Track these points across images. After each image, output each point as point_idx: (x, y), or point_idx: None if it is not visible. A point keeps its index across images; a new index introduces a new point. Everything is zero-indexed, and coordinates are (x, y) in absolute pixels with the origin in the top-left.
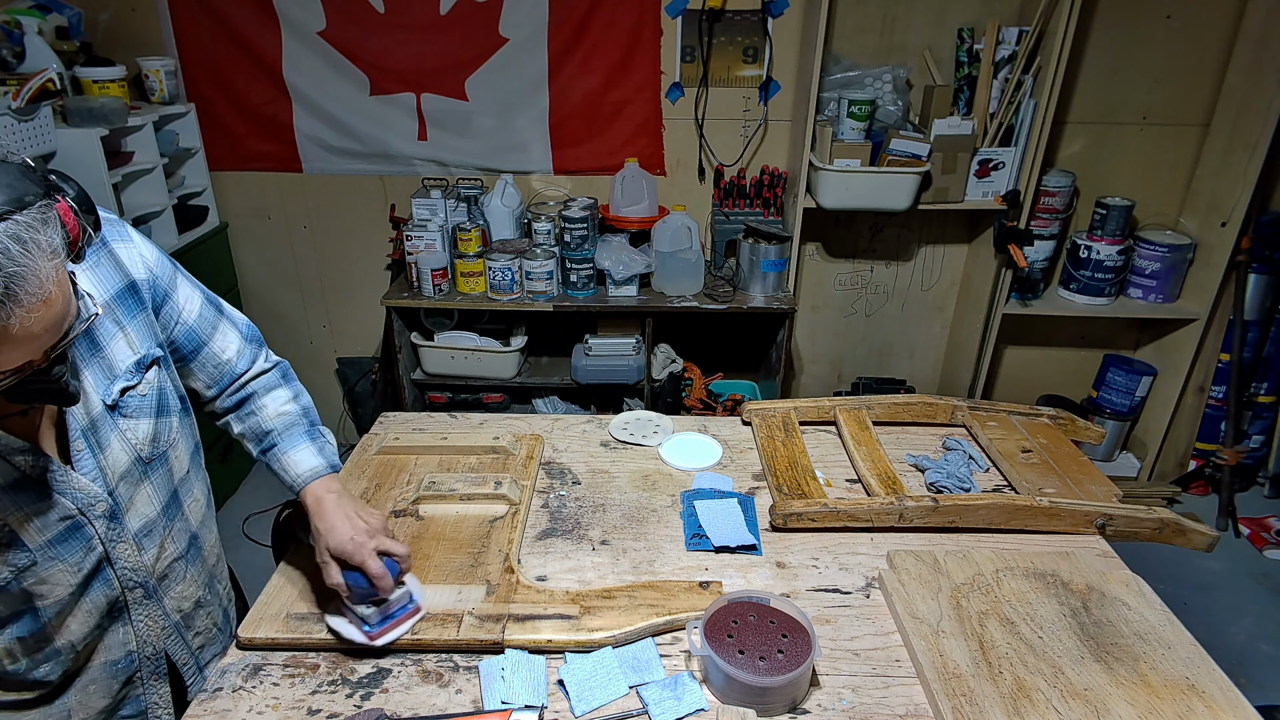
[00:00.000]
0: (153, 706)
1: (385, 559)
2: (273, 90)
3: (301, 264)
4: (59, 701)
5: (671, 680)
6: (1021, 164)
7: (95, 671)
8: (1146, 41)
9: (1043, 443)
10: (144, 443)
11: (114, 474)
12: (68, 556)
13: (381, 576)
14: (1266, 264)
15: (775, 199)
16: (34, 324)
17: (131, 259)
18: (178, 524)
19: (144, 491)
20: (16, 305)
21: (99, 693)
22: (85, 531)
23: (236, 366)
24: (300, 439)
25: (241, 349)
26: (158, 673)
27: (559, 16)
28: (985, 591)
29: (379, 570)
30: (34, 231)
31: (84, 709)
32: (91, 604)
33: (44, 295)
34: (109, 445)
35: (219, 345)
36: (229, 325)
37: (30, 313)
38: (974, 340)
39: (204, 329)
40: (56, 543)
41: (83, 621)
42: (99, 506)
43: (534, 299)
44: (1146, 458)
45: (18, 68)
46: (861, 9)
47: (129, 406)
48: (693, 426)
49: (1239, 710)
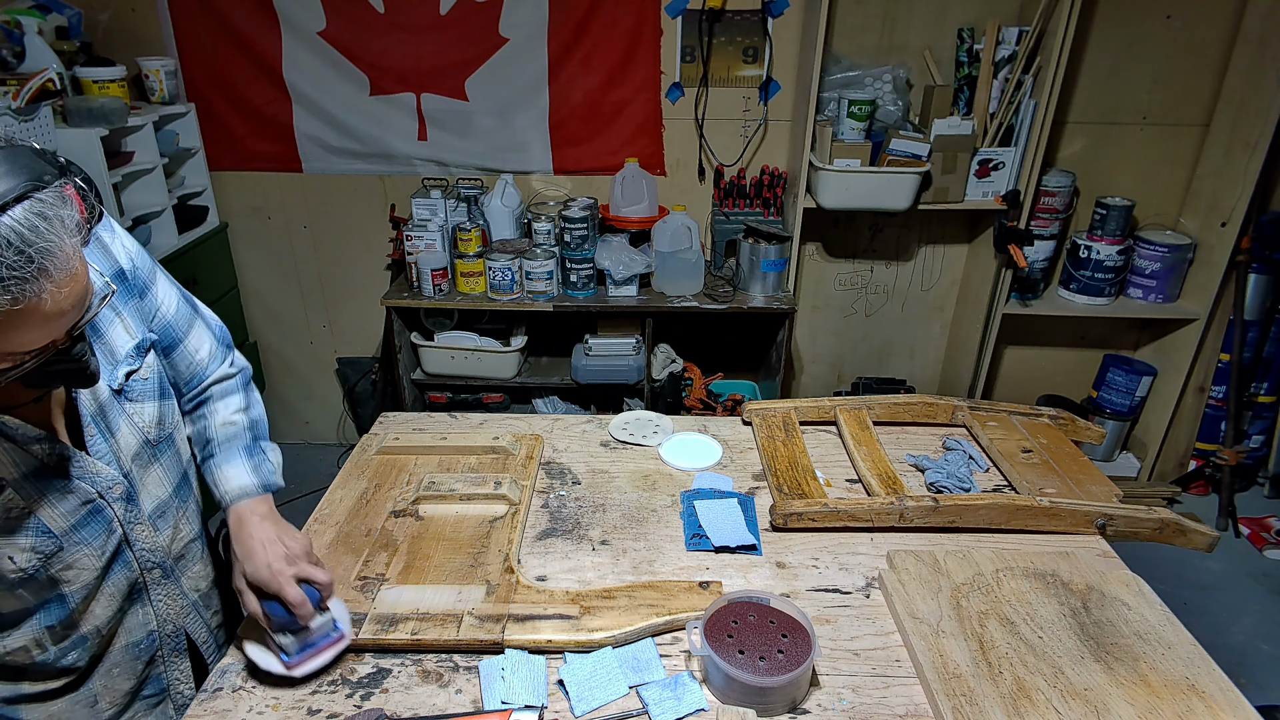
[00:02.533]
0: (174, 683)
1: (305, 586)
2: (273, 90)
3: (301, 264)
4: (85, 687)
5: (671, 680)
6: (1021, 164)
7: (118, 654)
8: (1146, 41)
9: (1043, 443)
10: (151, 425)
11: (126, 457)
12: (92, 540)
13: (300, 604)
14: (1266, 264)
15: (775, 199)
16: (64, 299)
17: (117, 248)
18: (191, 505)
19: (154, 474)
20: (49, 280)
21: (123, 675)
22: (105, 514)
23: (208, 369)
24: (236, 455)
25: (214, 350)
26: (178, 650)
27: (559, 16)
28: (985, 591)
29: (297, 598)
30: (56, 208)
31: (110, 692)
32: (114, 586)
33: (71, 270)
34: (119, 429)
35: (194, 344)
36: (203, 325)
37: (61, 288)
38: (974, 340)
39: (180, 325)
40: (80, 527)
41: (106, 605)
42: (116, 489)
43: (534, 299)
44: (1146, 458)
45: (18, 68)
46: (861, 9)
47: (134, 390)
48: (693, 426)
49: (1239, 710)
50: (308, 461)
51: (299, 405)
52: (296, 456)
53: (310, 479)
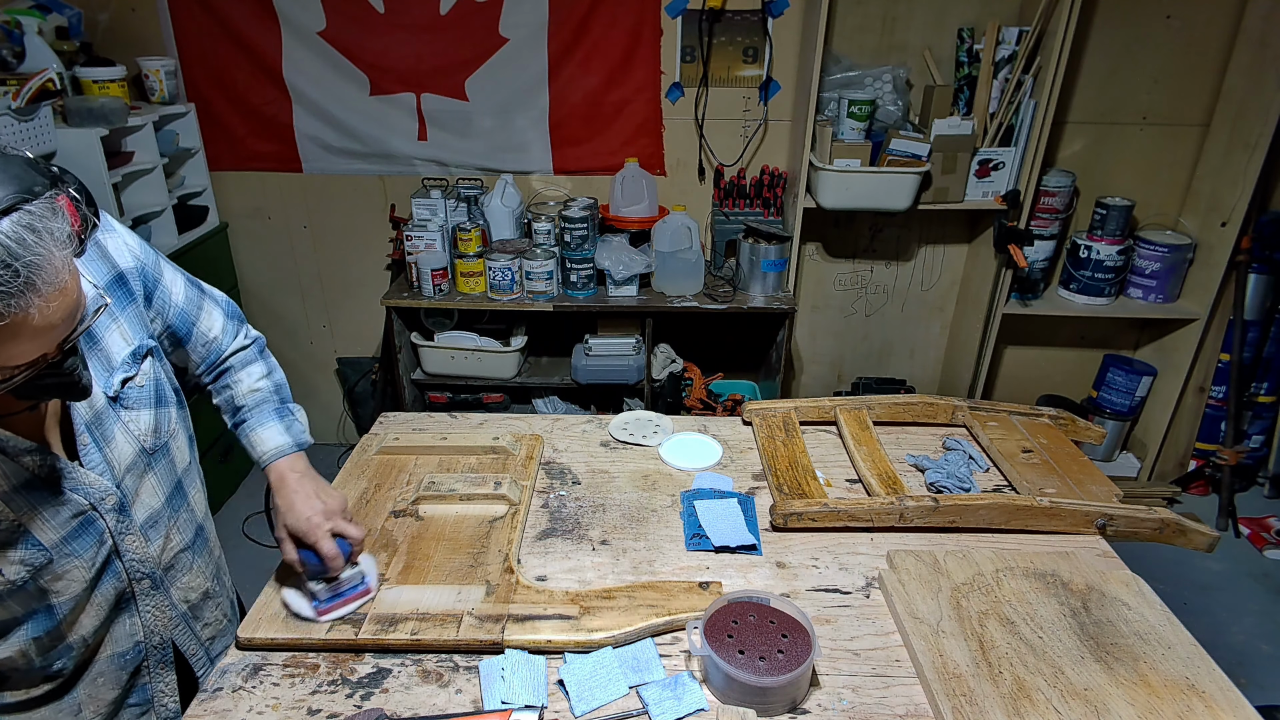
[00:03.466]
0: (159, 694)
1: (339, 540)
2: (273, 90)
3: (301, 264)
4: (68, 696)
5: (671, 680)
6: (1021, 164)
7: (103, 664)
8: (1146, 41)
9: (1043, 443)
10: (146, 433)
11: (120, 466)
12: (82, 552)
13: (333, 557)
14: (1266, 264)
15: (775, 199)
16: (52, 313)
17: (118, 249)
18: (183, 515)
19: (148, 483)
20: (36, 295)
21: (108, 684)
22: (97, 525)
23: (223, 344)
24: (269, 416)
25: (225, 326)
26: (164, 662)
27: (559, 16)
28: (985, 591)
29: (331, 551)
30: (46, 220)
31: (94, 702)
32: (102, 597)
33: (60, 284)
34: (113, 438)
35: (205, 324)
36: (212, 304)
37: (49, 302)
38: (974, 340)
39: (192, 310)
40: (71, 539)
41: (94, 615)
42: (109, 500)
43: (534, 299)
44: (1146, 458)
45: (18, 68)
46: (861, 9)
47: (129, 398)
48: (693, 426)
49: (1239, 710)
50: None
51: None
52: None
53: None
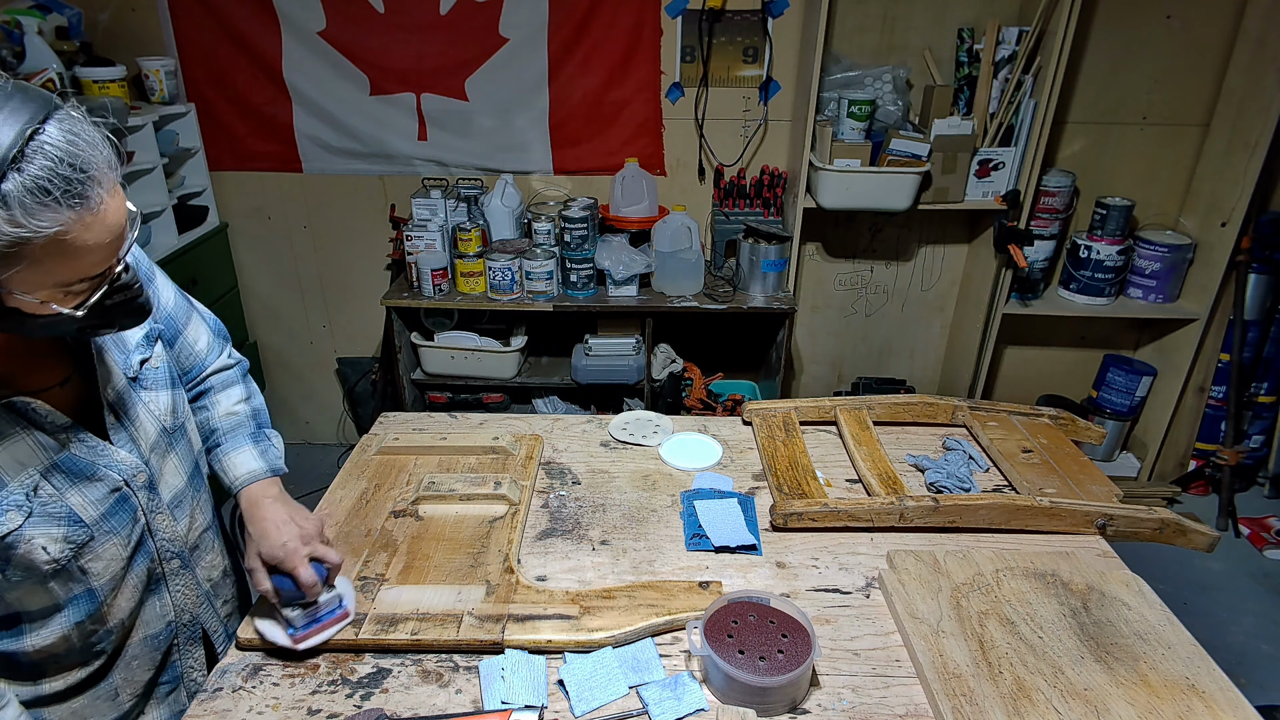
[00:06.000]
0: (188, 670)
1: (314, 564)
2: (273, 90)
3: (301, 264)
4: (105, 681)
5: (671, 680)
6: (1021, 164)
7: (136, 647)
8: (1146, 41)
9: (1043, 443)
10: (166, 413)
11: (146, 445)
12: (120, 529)
13: (312, 585)
14: (1266, 264)
15: (775, 199)
16: (116, 209)
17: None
18: (203, 495)
19: (171, 462)
20: (101, 188)
21: (142, 666)
22: (131, 503)
23: (206, 359)
24: (244, 441)
25: (211, 342)
26: (193, 639)
27: (559, 16)
28: (985, 591)
29: (310, 579)
30: (80, 123)
31: (130, 685)
32: (135, 577)
33: (113, 181)
34: (138, 418)
35: (192, 335)
36: (199, 318)
37: (112, 196)
38: (974, 340)
39: (180, 316)
40: (109, 516)
41: (129, 597)
42: (140, 477)
43: (534, 299)
44: (1146, 458)
45: (18, 68)
46: (861, 9)
47: (148, 379)
48: (693, 426)
49: (1239, 710)
50: (308, 461)
51: (299, 405)
52: (296, 456)
53: (310, 479)
